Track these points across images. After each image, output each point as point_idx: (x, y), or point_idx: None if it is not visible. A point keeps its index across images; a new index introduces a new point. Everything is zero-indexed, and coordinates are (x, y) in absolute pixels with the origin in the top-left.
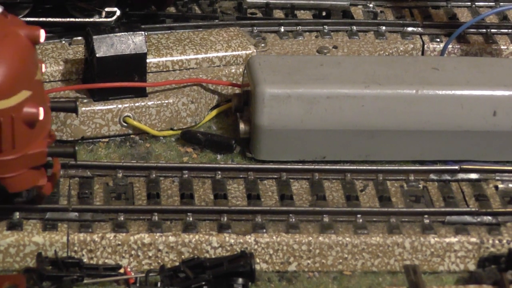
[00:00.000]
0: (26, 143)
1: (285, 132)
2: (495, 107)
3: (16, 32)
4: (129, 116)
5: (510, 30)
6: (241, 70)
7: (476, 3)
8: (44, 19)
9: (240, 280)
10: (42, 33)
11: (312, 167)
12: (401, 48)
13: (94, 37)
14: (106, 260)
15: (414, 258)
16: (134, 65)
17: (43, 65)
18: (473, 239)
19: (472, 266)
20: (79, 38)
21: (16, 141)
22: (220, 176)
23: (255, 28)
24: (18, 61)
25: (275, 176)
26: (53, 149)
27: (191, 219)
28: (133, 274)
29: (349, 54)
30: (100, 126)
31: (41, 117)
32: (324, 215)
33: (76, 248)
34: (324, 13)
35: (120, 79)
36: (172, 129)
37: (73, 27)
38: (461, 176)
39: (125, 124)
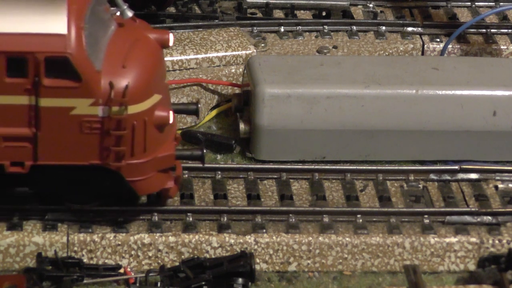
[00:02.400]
0: (156, 146)
1: (285, 132)
2: (495, 107)
3: (146, 36)
4: None
5: (510, 30)
6: (241, 70)
7: (476, 3)
8: None
9: (240, 280)
10: (171, 37)
11: (312, 167)
12: (401, 48)
13: None
14: (106, 260)
15: (414, 258)
16: None
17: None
18: (473, 239)
19: (472, 266)
20: None
21: (147, 145)
22: (220, 176)
23: (255, 28)
24: (151, 65)
25: (275, 176)
26: (181, 152)
27: (191, 219)
28: (133, 274)
29: (349, 54)
30: None
31: (171, 120)
32: (324, 215)
33: (76, 248)
34: (324, 13)
35: None
36: None
37: None
38: (461, 176)
39: None
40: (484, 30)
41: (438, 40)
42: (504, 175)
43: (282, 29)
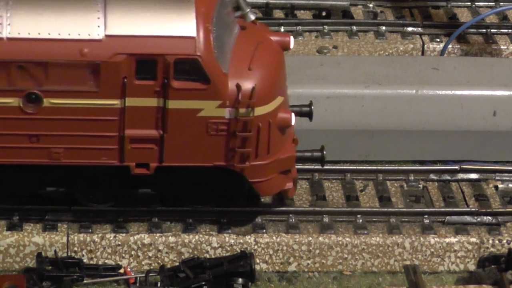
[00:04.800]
0: (278, 148)
1: None
2: (495, 107)
3: (269, 38)
4: None
5: (510, 30)
6: None
7: (476, 3)
8: None
9: (240, 280)
10: (292, 40)
11: (312, 167)
12: (401, 48)
13: None
14: (106, 260)
15: (414, 258)
16: None
17: None
18: (473, 239)
19: (472, 266)
20: None
21: (271, 146)
22: None
23: None
24: (275, 67)
25: None
26: (302, 153)
27: (191, 219)
28: (133, 274)
29: (349, 54)
30: None
31: (293, 122)
32: (324, 215)
33: (76, 249)
34: (324, 13)
35: None
36: None
37: None
38: (461, 176)
39: None
40: (484, 30)
41: (438, 40)
42: (504, 175)
43: (282, 29)
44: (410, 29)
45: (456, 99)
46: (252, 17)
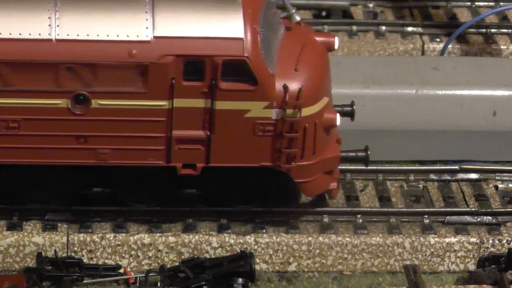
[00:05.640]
0: (323, 148)
1: None
2: (495, 107)
3: (314, 39)
4: None
5: (510, 30)
6: None
7: (476, 3)
8: None
9: (240, 280)
10: (336, 40)
11: None
12: (401, 48)
13: None
14: (106, 260)
15: (414, 258)
16: None
17: None
18: (473, 239)
19: (472, 266)
20: None
21: (317, 147)
22: None
23: None
24: (321, 68)
25: None
26: (346, 153)
27: (191, 219)
28: (133, 274)
29: (349, 54)
30: None
31: (338, 122)
32: (324, 215)
33: (76, 249)
34: (324, 13)
35: None
36: None
37: None
38: (461, 176)
39: None
40: (484, 30)
41: (438, 40)
42: (504, 175)
43: None
44: (410, 29)
45: (456, 99)
46: (298, 18)
